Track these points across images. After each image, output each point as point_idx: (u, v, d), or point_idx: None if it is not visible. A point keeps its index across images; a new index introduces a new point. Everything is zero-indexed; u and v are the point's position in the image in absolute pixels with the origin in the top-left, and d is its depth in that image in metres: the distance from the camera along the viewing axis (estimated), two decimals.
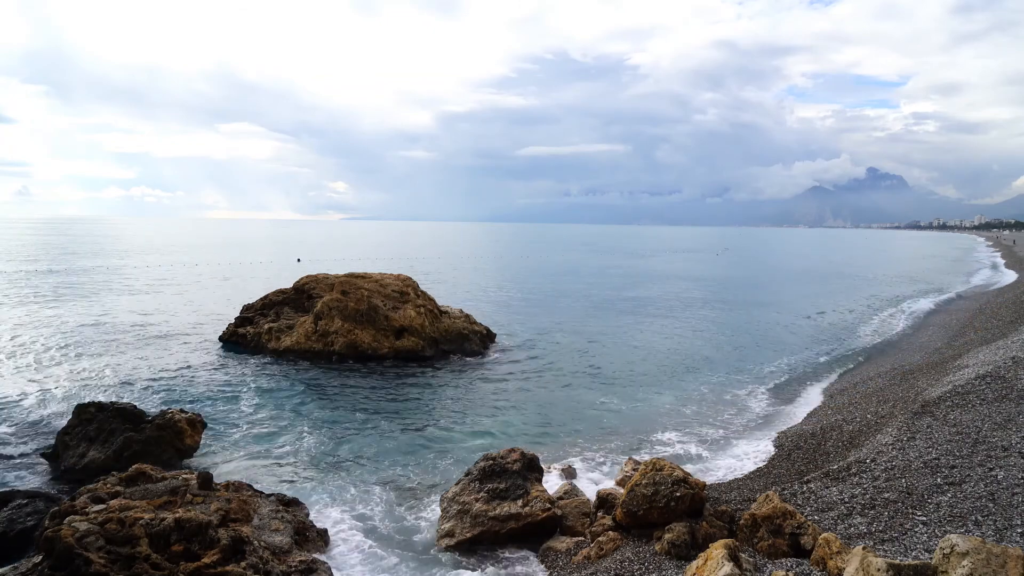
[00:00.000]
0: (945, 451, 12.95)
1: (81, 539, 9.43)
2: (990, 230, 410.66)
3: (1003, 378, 17.88)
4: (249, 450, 17.58)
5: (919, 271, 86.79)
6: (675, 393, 23.90)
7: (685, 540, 10.69)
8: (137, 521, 10.03)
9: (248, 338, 30.10)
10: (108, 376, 24.56)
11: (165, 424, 16.68)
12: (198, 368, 26.20)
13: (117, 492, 11.40)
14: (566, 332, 36.13)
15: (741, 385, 25.10)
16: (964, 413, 15.38)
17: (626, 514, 11.79)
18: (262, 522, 11.54)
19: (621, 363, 28.64)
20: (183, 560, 9.81)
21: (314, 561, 11.03)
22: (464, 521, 12.81)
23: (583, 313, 43.87)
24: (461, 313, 33.47)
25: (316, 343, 28.58)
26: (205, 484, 12.01)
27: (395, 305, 30.26)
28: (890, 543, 9.53)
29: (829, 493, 11.97)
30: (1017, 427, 13.60)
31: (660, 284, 65.72)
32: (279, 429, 19.21)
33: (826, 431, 17.43)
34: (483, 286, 60.85)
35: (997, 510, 9.92)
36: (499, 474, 13.56)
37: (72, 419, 17.10)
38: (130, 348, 29.52)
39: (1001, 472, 11.30)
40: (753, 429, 19.64)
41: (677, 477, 11.62)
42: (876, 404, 19.24)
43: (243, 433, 18.82)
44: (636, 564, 10.52)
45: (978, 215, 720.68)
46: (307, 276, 33.38)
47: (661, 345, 32.89)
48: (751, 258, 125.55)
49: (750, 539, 10.50)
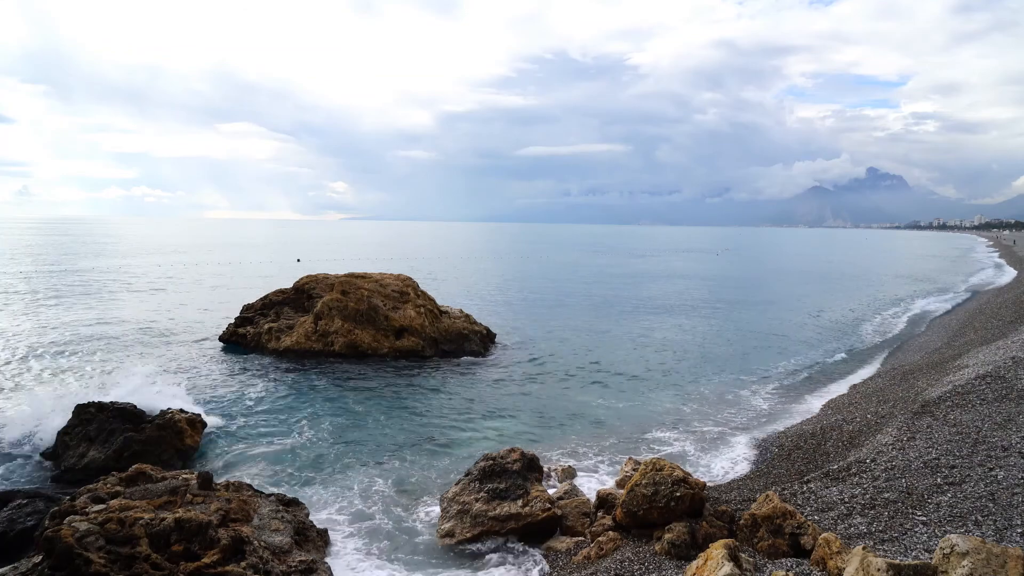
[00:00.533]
0: (945, 451, 12.95)
1: (81, 539, 9.42)
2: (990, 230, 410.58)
3: (1003, 378, 17.89)
4: (249, 450, 17.58)
5: (919, 271, 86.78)
6: (675, 393, 23.90)
7: (685, 540, 10.69)
8: (137, 521, 10.03)
9: (248, 338, 30.10)
10: (108, 375, 24.55)
11: (165, 424, 16.69)
12: (198, 368, 26.20)
13: (117, 492, 11.39)
14: (566, 332, 36.13)
15: (741, 385, 25.10)
16: (964, 413, 15.39)
17: (626, 514, 11.80)
18: (262, 522, 11.53)
19: (621, 363, 28.64)
20: (183, 560, 9.81)
21: (314, 561, 11.03)
22: (464, 521, 12.81)
23: (583, 313, 43.87)
24: (461, 313, 33.47)
25: (316, 343, 28.59)
26: (205, 484, 12.00)
27: (395, 305, 30.27)
28: (890, 543, 9.53)
29: (829, 493, 11.97)
30: (1017, 427, 13.60)
31: (660, 284, 65.72)
32: (279, 429, 19.21)
33: (826, 431, 17.43)
34: (483, 286, 60.85)
35: (997, 510, 9.92)
36: (499, 474, 13.56)
37: (72, 419, 17.11)
38: (130, 348, 29.52)
39: (1001, 472, 11.30)
40: (753, 429, 19.63)
41: (677, 477, 11.62)
42: (876, 404, 19.25)
43: (243, 433, 18.82)
44: (636, 564, 10.52)
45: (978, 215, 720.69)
46: (307, 276, 33.37)
47: (662, 345, 32.89)
48: (751, 258, 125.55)
49: (750, 539, 10.50)
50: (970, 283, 66.83)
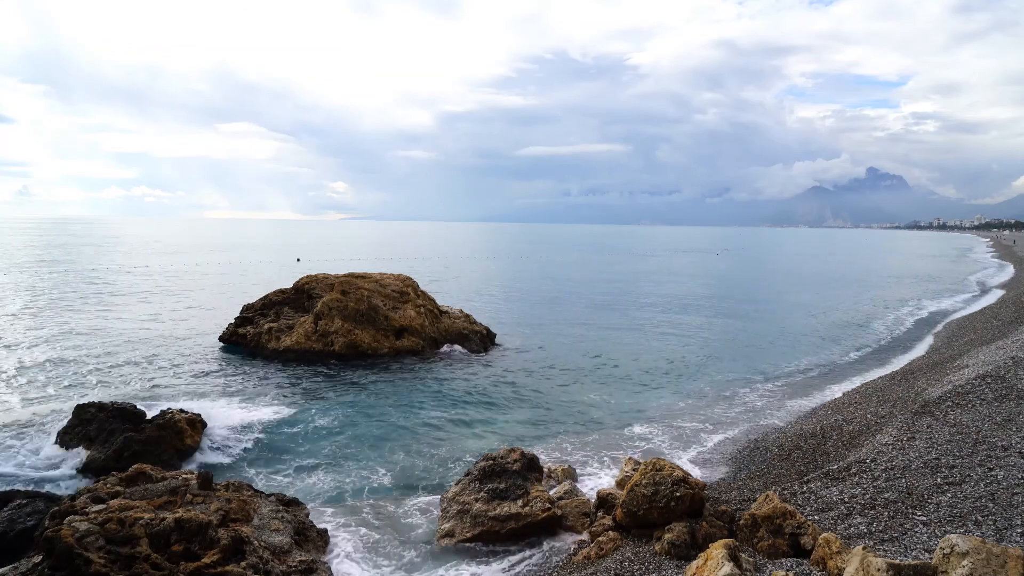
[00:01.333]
0: (945, 451, 12.95)
1: (81, 539, 9.43)
2: (990, 230, 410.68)
3: (1003, 378, 17.90)
4: (249, 450, 17.59)
5: (919, 271, 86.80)
6: (676, 393, 23.90)
7: (685, 540, 10.69)
8: (137, 521, 10.03)
9: (248, 338, 30.09)
10: (108, 376, 24.57)
11: (165, 424, 16.69)
12: (198, 368, 26.20)
13: (117, 492, 11.39)
14: (567, 332, 36.14)
15: (742, 385, 25.10)
16: (964, 413, 15.39)
17: (626, 514, 11.80)
18: (262, 522, 11.53)
19: (621, 363, 28.65)
20: (183, 560, 9.81)
21: (314, 561, 11.04)
22: (464, 521, 12.81)
23: (584, 313, 43.88)
24: (461, 313, 33.48)
25: (316, 343, 28.58)
26: (205, 484, 12.00)
27: (395, 305, 30.27)
28: (890, 543, 9.53)
29: (829, 493, 11.96)
30: (1017, 427, 13.60)
31: (661, 284, 65.73)
32: (279, 429, 19.20)
33: (826, 431, 17.43)
34: (483, 286, 60.86)
35: (997, 510, 9.92)
36: (499, 474, 13.56)
37: (72, 419, 17.13)
38: (130, 348, 29.52)
39: (1001, 472, 11.30)
40: (753, 428, 19.63)
41: (677, 477, 11.62)
42: (876, 404, 19.25)
43: (243, 433, 18.80)
44: (636, 564, 10.52)
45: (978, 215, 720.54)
46: (307, 276, 33.36)
47: (662, 345, 32.90)
48: (751, 258, 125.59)
49: (750, 539, 10.50)
50: (969, 283, 66.82)
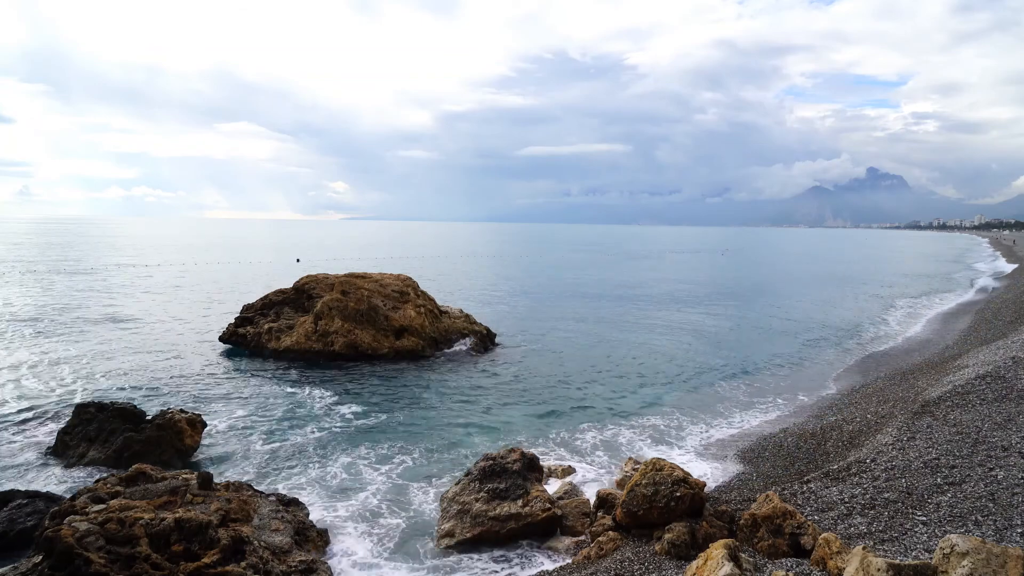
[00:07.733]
0: (945, 451, 12.95)
1: (81, 539, 9.42)
2: (990, 230, 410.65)
3: (1003, 378, 17.90)
4: (249, 450, 17.57)
5: (918, 271, 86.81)
6: (676, 392, 23.90)
7: (685, 540, 10.69)
8: (137, 521, 10.03)
9: (248, 338, 30.09)
10: (108, 376, 24.57)
11: (165, 424, 16.68)
12: (198, 368, 26.20)
13: (117, 492, 11.39)
14: (566, 332, 36.13)
15: (743, 384, 25.11)
16: (964, 413, 15.39)
17: (626, 514, 11.79)
18: (262, 522, 11.53)
19: (622, 362, 28.64)
20: (183, 560, 9.81)
21: (314, 561, 11.03)
22: (464, 521, 12.81)
23: (583, 313, 43.86)
24: (461, 313, 33.47)
25: (316, 343, 28.57)
26: (205, 484, 12.00)
27: (395, 305, 30.26)
28: (890, 543, 9.53)
29: (829, 493, 11.96)
30: (1017, 427, 13.61)
31: (661, 284, 65.73)
32: (279, 429, 19.20)
33: (826, 431, 17.43)
34: (483, 286, 60.86)
35: (997, 510, 9.92)
36: (499, 474, 13.56)
37: (72, 419, 17.12)
38: (130, 348, 29.52)
39: (1001, 472, 11.30)
40: (754, 428, 19.63)
41: (677, 477, 11.62)
42: (876, 404, 19.25)
43: (243, 433, 18.82)
44: (636, 564, 10.52)
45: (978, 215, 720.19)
46: (307, 276, 33.36)
47: (663, 345, 32.89)
48: (752, 258, 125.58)
49: (750, 539, 10.50)
50: (969, 283, 66.82)
